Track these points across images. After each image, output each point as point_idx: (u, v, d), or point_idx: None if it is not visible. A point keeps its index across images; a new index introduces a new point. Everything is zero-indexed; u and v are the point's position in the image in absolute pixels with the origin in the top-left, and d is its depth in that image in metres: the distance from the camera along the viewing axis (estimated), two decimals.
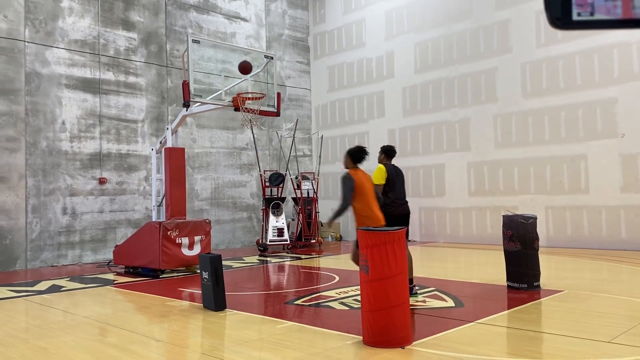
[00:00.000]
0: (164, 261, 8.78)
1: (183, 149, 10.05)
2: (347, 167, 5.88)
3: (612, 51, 10.69)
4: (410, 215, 6.84)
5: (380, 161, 6.70)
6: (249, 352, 4.29)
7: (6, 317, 6.01)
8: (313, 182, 13.65)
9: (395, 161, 6.97)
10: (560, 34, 11.30)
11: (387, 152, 6.72)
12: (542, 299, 6.05)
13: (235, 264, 10.37)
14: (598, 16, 0.92)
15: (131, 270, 9.47)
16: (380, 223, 5.69)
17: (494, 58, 12.43)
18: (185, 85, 8.75)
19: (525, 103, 11.89)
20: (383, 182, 6.43)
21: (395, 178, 6.53)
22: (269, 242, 12.48)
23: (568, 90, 11.27)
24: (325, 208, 15.70)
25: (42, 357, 4.34)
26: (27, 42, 10.87)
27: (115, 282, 8.54)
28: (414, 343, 4.34)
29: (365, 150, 5.85)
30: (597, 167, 10.85)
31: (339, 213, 5.84)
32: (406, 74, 14.14)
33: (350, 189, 5.63)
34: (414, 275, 6.59)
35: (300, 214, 13.25)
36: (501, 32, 12.32)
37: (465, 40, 12.96)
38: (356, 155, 5.82)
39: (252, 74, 9.77)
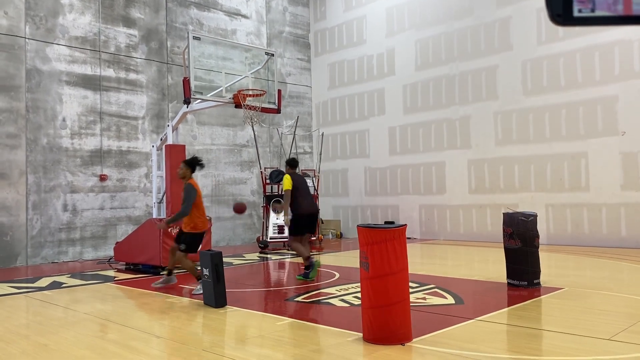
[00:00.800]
0: (164, 258, 8.78)
1: (184, 146, 10.05)
2: (184, 177, 7.13)
3: (613, 49, 10.68)
4: (319, 213, 8.58)
5: (287, 172, 8.10)
6: (249, 349, 4.29)
7: (7, 314, 6.02)
8: (314, 179, 13.65)
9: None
10: (562, 31, 11.28)
11: (291, 164, 8.11)
12: (542, 297, 6.06)
13: (235, 261, 10.38)
14: (599, 12, 0.92)
15: (132, 267, 9.48)
16: (207, 226, 7.23)
17: (494, 55, 12.41)
18: (186, 82, 8.74)
19: (526, 100, 11.88)
20: (291, 187, 7.76)
21: (299, 185, 7.86)
22: (270, 239, 12.49)
23: (569, 87, 11.26)
24: (326, 205, 15.71)
25: (42, 354, 4.35)
26: (28, 38, 10.86)
27: (115, 278, 8.55)
28: (414, 340, 4.35)
29: (200, 160, 7.25)
30: (598, 164, 10.85)
31: (176, 219, 7.07)
32: (407, 71, 14.13)
33: (194, 197, 6.87)
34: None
35: None
36: (502, 30, 12.30)
37: (466, 37, 12.94)
38: (194, 165, 7.14)
39: (252, 70, 9.76)
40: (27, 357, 4.26)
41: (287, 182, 7.87)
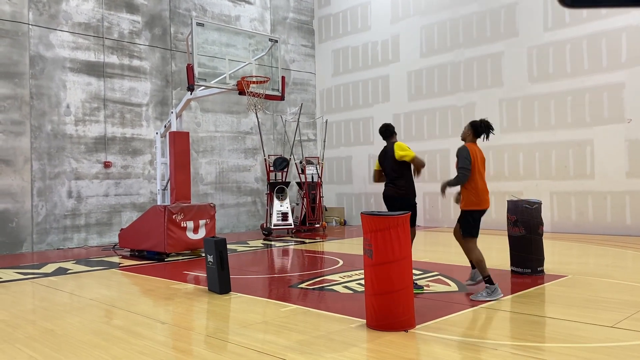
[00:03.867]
0: (169, 244, 8.83)
1: (187, 133, 10.04)
2: (464, 139, 5.89)
3: (620, 35, 10.56)
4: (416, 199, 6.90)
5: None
6: (253, 335, 4.32)
7: (13, 299, 6.07)
8: (317, 166, 13.64)
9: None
10: (568, 17, 11.16)
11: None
12: (545, 284, 6.06)
13: (239, 248, 10.42)
14: None
15: (136, 253, 9.53)
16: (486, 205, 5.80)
17: (500, 42, 12.30)
18: (190, 68, 8.71)
19: (532, 88, 11.79)
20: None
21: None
22: (274, 226, 12.52)
23: (575, 74, 11.16)
24: (330, 193, 15.71)
25: (48, 338, 4.40)
26: (31, 25, 10.82)
27: (120, 265, 8.60)
28: (417, 326, 4.36)
29: (489, 126, 5.79)
30: (603, 152, 10.79)
31: (452, 183, 6.02)
32: (412, 58, 14.03)
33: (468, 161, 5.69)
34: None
35: (305, 199, 13.27)
36: (508, 16, 12.18)
37: (471, 23, 12.82)
38: (478, 129, 5.82)
39: (256, 57, 9.71)
40: (33, 342, 4.30)
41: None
